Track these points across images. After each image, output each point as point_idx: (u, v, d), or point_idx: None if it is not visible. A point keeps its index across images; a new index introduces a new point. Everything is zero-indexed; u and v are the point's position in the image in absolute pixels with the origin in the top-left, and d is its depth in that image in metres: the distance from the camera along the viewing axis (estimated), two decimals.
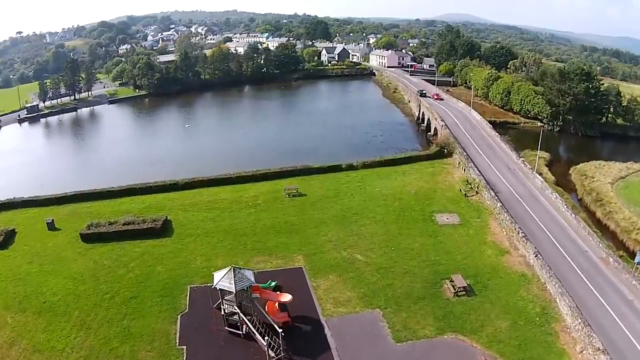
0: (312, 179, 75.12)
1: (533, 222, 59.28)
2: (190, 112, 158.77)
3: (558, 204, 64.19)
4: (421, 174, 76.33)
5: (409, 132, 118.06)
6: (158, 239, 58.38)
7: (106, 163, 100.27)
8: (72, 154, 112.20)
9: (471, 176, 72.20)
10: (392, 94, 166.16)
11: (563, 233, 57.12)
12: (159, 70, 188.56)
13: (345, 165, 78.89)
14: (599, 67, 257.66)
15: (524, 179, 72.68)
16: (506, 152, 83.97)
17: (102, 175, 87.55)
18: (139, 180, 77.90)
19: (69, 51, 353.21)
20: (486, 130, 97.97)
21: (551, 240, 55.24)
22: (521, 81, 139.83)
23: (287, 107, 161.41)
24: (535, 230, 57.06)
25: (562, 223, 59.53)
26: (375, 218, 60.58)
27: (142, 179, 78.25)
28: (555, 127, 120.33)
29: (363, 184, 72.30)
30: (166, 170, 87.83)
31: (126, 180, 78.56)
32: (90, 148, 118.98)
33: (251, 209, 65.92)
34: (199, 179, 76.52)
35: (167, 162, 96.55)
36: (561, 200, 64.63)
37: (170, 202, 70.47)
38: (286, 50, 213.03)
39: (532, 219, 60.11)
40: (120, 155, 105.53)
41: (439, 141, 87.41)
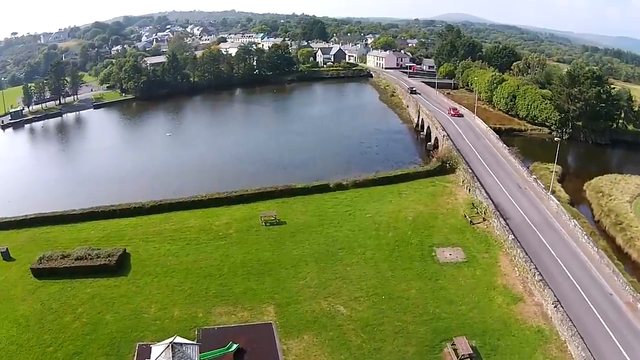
0: (295, 202, 65.86)
1: (550, 258, 50.07)
2: (176, 117, 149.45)
3: (577, 233, 54.96)
4: (420, 194, 66.95)
5: (407, 141, 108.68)
6: (112, 278, 50.66)
7: (79, 177, 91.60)
8: (48, 166, 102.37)
9: (477, 198, 62.89)
10: (389, 97, 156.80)
11: (584, 271, 48.11)
12: (146, 73, 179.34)
13: (333, 184, 69.54)
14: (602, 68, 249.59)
15: (537, 201, 63.31)
16: (515, 168, 74.57)
17: (73, 192, 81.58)
18: (109, 197, 72.15)
19: (62, 52, 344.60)
20: (492, 140, 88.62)
21: (571, 282, 46.22)
22: (527, 84, 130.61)
23: (278, 112, 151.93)
24: (552, 269, 47.92)
25: (582, 258, 50.44)
26: (364, 255, 51.23)
27: (111, 197, 72.12)
28: (564, 135, 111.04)
29: (353, 208, 62.94)
30: (138, 186, 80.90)
31: (96, 197, 73.73)
32: (67, 159, 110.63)
33: (220, 240, 56.77)
34: (167, 202, 67.63)
35: (141, 176, 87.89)
36: (580, 228, 55.30)
37: (132, 229, 61.92)
38: (279, 51, 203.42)
39: (548, 254, 50.87)
40: (95, 168, 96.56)
41: (440, 155, 78.13)
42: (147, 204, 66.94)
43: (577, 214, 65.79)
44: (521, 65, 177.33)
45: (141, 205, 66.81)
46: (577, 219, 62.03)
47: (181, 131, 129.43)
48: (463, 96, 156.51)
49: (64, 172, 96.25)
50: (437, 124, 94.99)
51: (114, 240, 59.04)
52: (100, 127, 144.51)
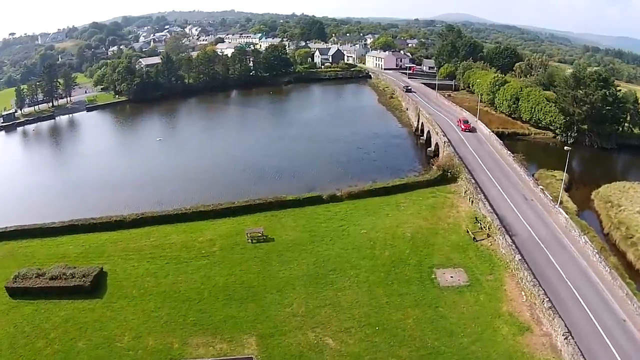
0: (285, 215, 61.61)
1: (559, 280, 45.88)
2: (169, 121, 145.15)
3: (587, 250, 50.76)
4: (419, 207, 62.63)
5: (407, 146, 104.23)
6: (87, 300, 47.53)
7: (65, 185, 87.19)
8: (35, 173, 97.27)
9: (481, 212, 58.62)
10: (388, 99, 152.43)
11: (596, 295, 43.98)
12: (140, 75, 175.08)
13: (326, 196, 65.23)
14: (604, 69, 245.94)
15: (544, 215, 58.98)
16: (521, 177, 70.19)
17: (57, 201, 78.39)
18: (93, 207, 70.15)
19: (58, 53, 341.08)
20: (495, 146, 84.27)
21: (582, 307, 42.15)
22: (530, 86, 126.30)
23: (273, 115, 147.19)
24: (562, 293, 43.79)
25: (594, 279, 46.29)
26: (357, 277, 46.95)
27: (94, 207, 70.03)
28: (569, 139, 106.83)
29: (347, 222, 58.64)
30: (123, 195, 77.33)
31: (79, 207, 71.36)
32: (55, 165, 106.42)
33: (203, 259, 52.60)
34: (149, 215, 63.51)
35: (128, 185, 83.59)
36: (591, 245, 51.05)
37: (112, 245, 58.14)
38: (276, 51, 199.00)
39: (557, 275, 46.66)
40: (82, 175, 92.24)
41: (441, 163, 73.73)
42: (128, 217, 63.13)
43: (586, 227, 61.78)
44: (523, 66, 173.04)
45: (122, 219, 63.07)
46: (586, 233, 58.15)
47: (173, 135, 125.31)
48: (464, 98, 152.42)
49: (50, 179, 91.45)
50: (437, 128, 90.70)
51: (93, 256, 55.79)
52: (92, 130, 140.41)
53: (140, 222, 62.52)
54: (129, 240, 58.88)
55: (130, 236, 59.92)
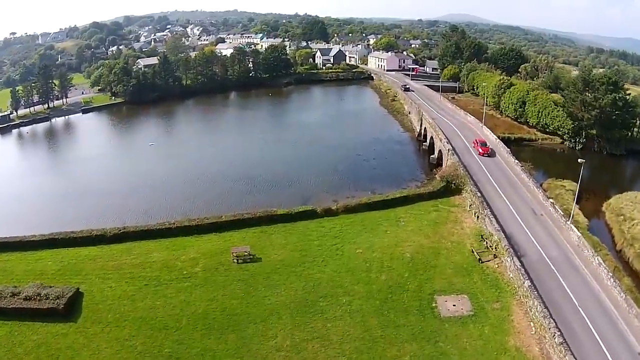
0: (276, 231, 57.38)
1: (571, 308, 41.54)
2: (164, 123, 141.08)
3: (601, 273, 46.40)
4: (421, 222, 58.30)
5: (408, 153, 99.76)
6: (61, 324, 44.03)
7: (51, 193, 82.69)
8: (23, 179, 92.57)
9: (487, 229, 54.28)
10: (390, 102, 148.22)
11: (610, 325, 39.63)
12: (136, 76, 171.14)
13: (321, 209, 60.94)
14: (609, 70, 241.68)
15: (555, 232, 54.57)
16: (530, 189, 65.67)
17: (42, 210, 74.31)
18: (76, 218, 66.93)
19: (58, 53, 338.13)
20: (502, 155, 79.78)
21: (595, 340, 37.85)
22: (537, 89, 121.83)
23: (272, 118, 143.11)
24: (574, 324, 39.44)
25: (608, 306, 42.01)
26: (350, 306, 42.65)
27: (78, 218, 66.89)
28: (577, 145, 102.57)
29: (341, 240, 54.37)
30: (108, 205, 73.37)
31: (63, 217, 68.76)
32: (44, 170, 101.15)
33: (184, 281, 48.47)
34: (130, 229, 59.41)
35: (114, 194, 79.10)
36: (605, 268, 46.68)
37: (91, 262, 54.11)
38: (276, 52, 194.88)
39: (569, 303, 42.31)
40: (70, 182, 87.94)
41: (445, 173, 69.25)
42: (109, 232, 59.05)
43: (598, 244, 57.54)
44: (529, 68, 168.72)
45: (103, 233, 58.95)
46: (599, 251, 53.99)
47: (167, 140, 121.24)
48: (469, 100, 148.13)
49: (36, 187, 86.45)
50: (441, 135, 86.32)
51: (70, 274, 51.98)
52: (85, 134, 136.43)
53: (122, 237, 58.49)
54: (108, 257, 54.98)
55: (111, 252, 56.05)
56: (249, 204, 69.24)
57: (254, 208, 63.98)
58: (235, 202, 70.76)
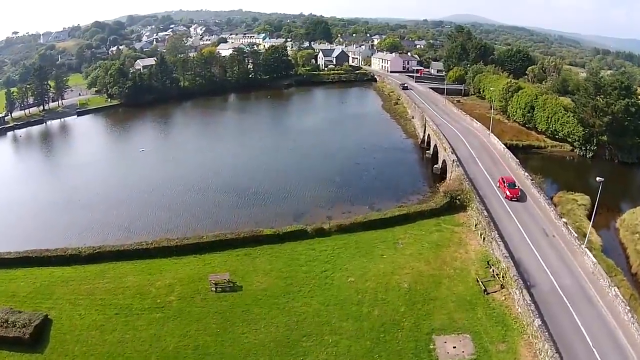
0: (261, 254, 52.46)
1: (585, 350, 36.65)
2: (159, 127, 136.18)
3: (617, 306, 41.40)
4: (421, 244, 53.17)
5: (411, 162, 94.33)
6: (27, 354, 40.82)
7: (34, 204, 77.76)
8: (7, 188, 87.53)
9: (494, 254, 49.15)
10: (393, 105, 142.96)
11: None
12: (132, 78, 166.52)
13: (312, 229, 55.85)
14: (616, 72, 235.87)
15: (568, 257, 49.37)
16: (541, 205, 60.38)
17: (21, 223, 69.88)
18: (56, 233, 64.10)
19: (58, 53, 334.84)
20: (511, 166, 74.39)
21: None
22: (546, 94, 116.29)
23: (270, 123, 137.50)
24: None
25: (623, 344, 37.33)
26: (337, 347, 37.64)
27: (57, 234, 63.78)
28: (588, 153, 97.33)
29: (332, 266, 49.32)
30: (91, 219, 69.09)
31: (43, 232, 65.03)
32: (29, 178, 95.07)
33: (156, 311, 43.80)
34: (106, 249, 54.89)
35: (98, 205, 74.58)
36: (622, 300, 41.54)
37: (63, 285, 50.08)
38: (276, 53, 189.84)
39: (583, 343, 37.49)
40: (55, 191, 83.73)
41: (449, 188, 63.93)
42: (84, 252, 54.79)
43: (613, 267, 52.50)
44: (536, 70, 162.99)
45: (78, 253, 54.76)
46: (614, 276, 49.15)
47: (161, 145, 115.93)
48: (475, 104, 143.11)
49: (20, 197, 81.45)
50: (445, 143, 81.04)
51: (41, 297, 48.30)
52: (77, 138, 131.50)
53: (97, 257, 54.14)
54: (81, 280, 50.72)
55: (84, 274, 51.80)
56: (238, 220, 64.94)
57: (241, 225, 59.93)
58: (223, 218, 66.35)
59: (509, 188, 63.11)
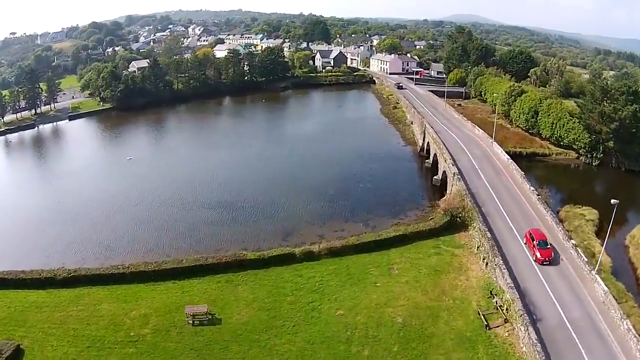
0: (244, 280, 48.56)
1: None
2: (151, 133, 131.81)
3: (630, 342, 37.70)
4: (418, 270, 49.19)
5: (409, 171, 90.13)
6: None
7: (14, 219, 73.43)
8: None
9: (498, 284, 45.14)
10: (392, 110, 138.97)
11: None
12: (124, 81, 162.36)
13: (300, 252, 51.89)
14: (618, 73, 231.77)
15: (578, 285, 45.43)
16: (548, 225, 56.10)
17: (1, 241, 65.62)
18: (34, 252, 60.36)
19: (55, 54, 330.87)
20: (515, 178, 70.16)
21: None
22: (551, 98, 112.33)
23: (264, 128, 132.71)
24: None
25: None
26: None
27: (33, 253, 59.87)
28: (594, 160, 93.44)
29: (320, 296, 45.37)
30: (72, 235, 65.04)
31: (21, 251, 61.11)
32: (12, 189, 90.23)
33: (129, 346, 40.25)
34: (82, 273, 51.25)
35: (80, 220, 70.39)
36: (634, 334, 37.71)
37: (37, 311, 46.76)
38: (272, 55, 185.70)
39: None
40: (37, 204, 79.12)
41: (450, 205, 59.74)
42: (59, 275, 51.20)
43: (623, 293, 48.38)
44: (539, 72, 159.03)
45: (53, 276, 51.10)
46: (625, 302, 45.69)
47: (152, 152, 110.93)
48: (476, 108, 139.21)
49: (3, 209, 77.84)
50: (446, 153, 76.90)
51: (15, 324, 45.13)
52: (67, 144, 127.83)
53: (72, 281, 50.49)
54: (55, 306, 47.21)
55: (59, 300, 48.28)
56: (223, 238, 61.29)
57: (227, 243, 56.98)
58: (207, 235, 62.59)
59: (540, 248, 48.97)
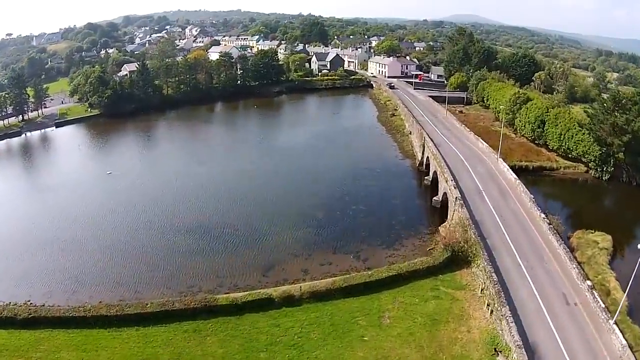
0: (213, 331, 42.06)
1: None
2: (139, 144, 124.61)
3: None
4: (413, 319, 42.62)
5: (407, 190, 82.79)
6: None
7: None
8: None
9: (504, 338, 38.61)
10: (389, 117, 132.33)
11: None
12: (112, 86, 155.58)
13: (278, 296, 45.31)
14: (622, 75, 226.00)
15: (593, 336, 39.03)
16: (561, 260, 49.51)
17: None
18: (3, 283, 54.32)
19: (48, 56, 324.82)
20: (523, 202, 63.13)
21: None
22: (559, 106, 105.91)
23: (253, 140, 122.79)
24: None
25: None
26: None
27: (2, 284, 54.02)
28: (604, 175, 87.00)
29: (299, 352, 38.82)
30: (41, 263, 59.11)
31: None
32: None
33: None
34: (42, 313, 45.57)
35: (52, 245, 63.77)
36: None
37: None
38: (266, 58, 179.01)
39: None
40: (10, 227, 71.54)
41: (451, 237, 52.98)
42: (19, 314, 45.78)
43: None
44: (543, 76, 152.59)
45: (14, 315, 45.54)
46: None
47: (132, 166, 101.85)
48: (478, 115, 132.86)
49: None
50: (447, 172, 69.92)
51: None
52: (50, 154, 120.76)
53: (32, 322, 44.91)
54: (14, 350, 41.88)
55: (18, 342, 42.94)
56: (197, 272, 54.93)
57: (200, 278, 51.43)
58: (181, 268, 56.20)
59: None
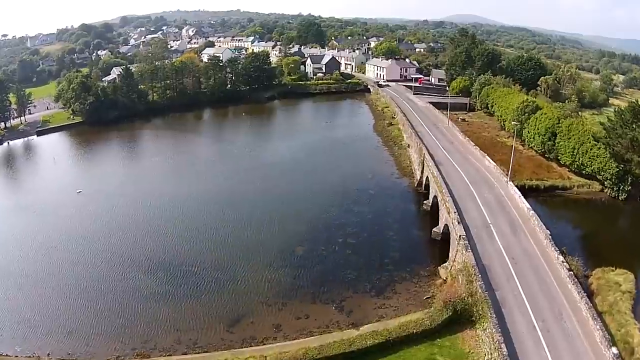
0: None
1: None
2: (116, 155, 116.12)
3: None
4: None
5: (404, 217, 72.52)
6: None
7: None
8: None
9: None
10: (386, 127, 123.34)
11: None
12: (94, 92, 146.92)
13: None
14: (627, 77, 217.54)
15: None
16: (582, 318, 40.25)
17: None
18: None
19: (40, 58, 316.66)
20: (538, 239, 53.23)
21: None
22: (571, 116, 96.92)
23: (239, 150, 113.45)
24: None
25: None
26: None
27: None
28: (620, 194, 78.06)
29: None
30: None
31: None
32: None
33: None
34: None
35: (8, 281, 55.87)
36: None
37: None
38: (257, 61, 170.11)
39: None
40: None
41: (451, 294, 43.27)
42: None
43: None
44: (550, 80, 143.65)
45: None
46: None
47: (106, 184, 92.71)
48: (482, 123, 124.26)
49: None
50: (449, 201, 60.30)
51: None
52: (26, 166, 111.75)
53: None
54: None
55: None
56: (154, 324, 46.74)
57: (154, 337, 44.24)
58: (137, 319, 47.96)
59: None
